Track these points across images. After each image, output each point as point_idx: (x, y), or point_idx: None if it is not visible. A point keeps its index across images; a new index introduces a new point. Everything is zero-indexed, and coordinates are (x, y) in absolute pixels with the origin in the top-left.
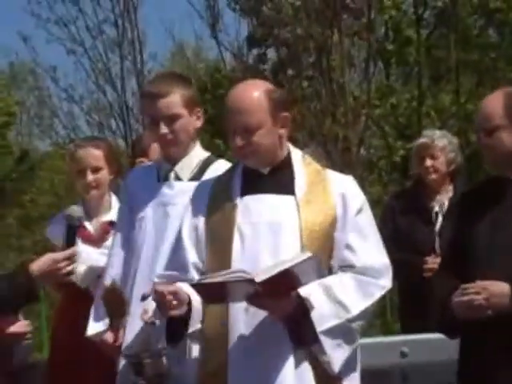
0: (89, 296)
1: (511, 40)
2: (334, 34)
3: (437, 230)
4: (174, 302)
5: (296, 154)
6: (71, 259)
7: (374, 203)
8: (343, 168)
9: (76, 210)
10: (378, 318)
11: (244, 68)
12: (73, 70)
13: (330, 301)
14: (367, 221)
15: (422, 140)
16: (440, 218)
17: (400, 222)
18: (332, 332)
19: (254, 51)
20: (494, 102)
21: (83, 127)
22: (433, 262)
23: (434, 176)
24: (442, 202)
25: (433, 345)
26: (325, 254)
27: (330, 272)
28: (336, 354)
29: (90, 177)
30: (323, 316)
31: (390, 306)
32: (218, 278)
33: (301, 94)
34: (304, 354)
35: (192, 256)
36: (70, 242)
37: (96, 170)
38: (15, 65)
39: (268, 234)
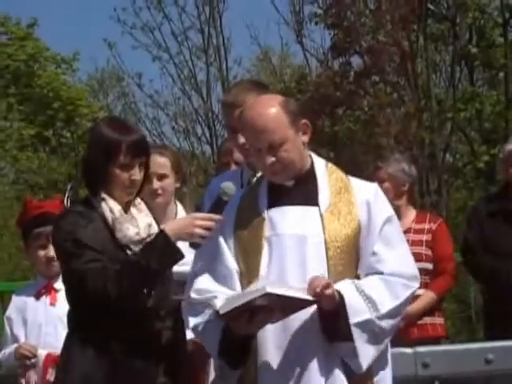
0: None
1: None
2: (418, 39)
3: None
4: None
5: (319, 164)
6: (211, 223)
7: (460, 209)
8: (428, 173)
9: (231, 188)
10: (465, 324)
11: (329, 74)
12: (158, 76)
13: (361, 296)
14: (394, 231)
15: (511, 146)
16: None
17: (487, 226)
18: (364, 327)
19: (339, 59)
20: None
21: (168, 133)
22: None
23: None
24: None
25: None
26: (351, 265)
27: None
28: (365, 351)
29: (156, 184)
30: (356, 309)
31: (475, 311)
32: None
33: (385, 100)
34: (337, 363)
35: (234, 265)
36: (214, 211)
37: (161, 177)
38: (103, 71)
39: (294, 246)
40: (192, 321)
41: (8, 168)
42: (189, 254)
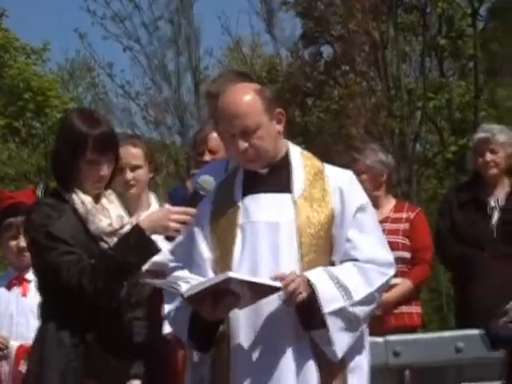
0: None
1: None
2: (388, 29)
3: (493, 224)
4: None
5: (294, 151)
6: (186, 217)
7: (430, 199)
8: (399, 163)
9: (209, 183)
10: (436, 313)
11: (300, 64)
12: (129, 66)
13: (333, 284)
14: (368, 218)
15: (481, 135)
16: (496, 213)
17: (457, 216)
18: (338, 315)
19: (309, 48)
20: None
21: (139, 123)
22: None
23: (494, 170)
24: (499, 196)
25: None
26: (324, 251)
27: None
28: (340, 339)
29: (130, 175)
30: (329, 298)
31: (446, 300)
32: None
33: (355, 90)
34: (308, 348)
35: (207, 253)
36: (190, 205)
37: (135, 168)
38: (73, 62)
39: (267, 233)
40: (166, 308)
41: None
42: (164, 245)
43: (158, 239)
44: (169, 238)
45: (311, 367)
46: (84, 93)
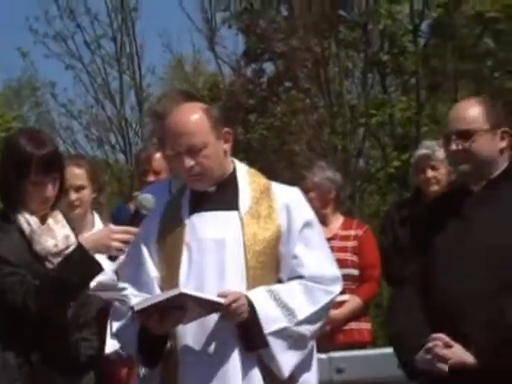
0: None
1: (507, 49)
2: (330, 46)
3: None
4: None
5: (241, 169)
6: (128, 236)
7: (373, 215)
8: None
9: (149, 201)
10: (381, 329)
11: (242, 81)
12: (72, 84)
13: (276, 305)
14: (315, 234)
15: (422, 151)
16: None
17: (399, 232)
18: (280, 335)
19: (252, 65)
20: (472, 107)
21: (82, 142)
22: None
23: (435, 187)
24: None
25: None
26: (271, 268)
27: None
28: (285, 358)
29: (73, 196)
30: (270, 319)
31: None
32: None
33: (298, 106)
34: (254, 360)
35: (154, 272)
36: (131, 224)
37: (79, 188)
38: (18, 81)
39: (213, 250)
40: (114, 325)
41: None
42: (107, 264)
43: (101, 259)
44: (111, 258)
45: (259, 383)
46: (29, 111)
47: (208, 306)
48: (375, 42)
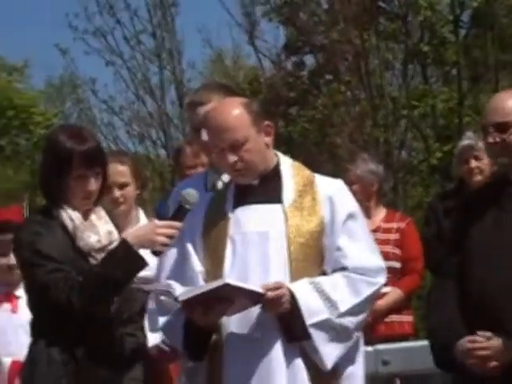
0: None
1: None
2: (370, 38)
3: None
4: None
5: (284, 162)
6: (172, 231)
7: (416, 206)
8: (385, 172)
9: (193, 196)
10: (424, 321)
11: (283, 74)
12: (112, 81)
13: (318, 296)
14: (359, 226)
15: (465, 142)
16: None
17: (443, 223)
18: (322, 327)
19: (292, 58)
20: (510, 99)
21: (123, 138)
22: None
23: (479, 177)
24: None
25: None
26: (314, 261)
27: None
28: (328, 350)
29: (117, 193)
30: (312, 310)
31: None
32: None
33: (339, 99)
34: (297, 352)
35: (199, 267)
36: (175, 219)
37: (122, 185)
38: (59, 78)
39: (257, 243)
40: (160, 320)
41: None
42: (151, 259)
43: (145, 254)
44: (156, 253)
45: (303, 376)
46: (71, 108)
47: (252, 297)
48: (415, 32)
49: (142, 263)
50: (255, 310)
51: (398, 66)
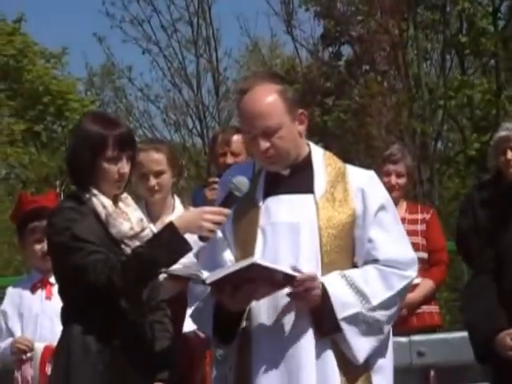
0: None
1: None
2: (408, 28)
3: None
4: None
5: (316, 152)
6: (220, 217)
7: (452, 198)
8: (420, 162)
9: (244, 184)
10: (459, 312)
11: (319, 64)
12: (148, 69)
13: (350, 290)
14: (390, 218)
15: (502, 133)
16: None
17: (480, 214)
18: (354, 320)
19: (329, 48)
20: None
21: (159, 126)
22: None
23: None
24: None
25: None
26: (346, 253)
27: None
28: (359, 343)
29: (153, 181)
30: (343, 304)
31: None
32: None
33: (376, 89)
34: (327, 344)
35: (229, 256)
36: (224, 205)
37: (158, 173)
38: (96, 66)
39: (287, 233)
40: (191, 307)
41: None
42: (196, 246)
43: (191, 239)
44: (202, 238)
45: (333, 368)
46: (107, 96)
47: (281, 279)
48: (454, 23)
49: (187, 247)
50: (286, 300)
51: (435, 56)
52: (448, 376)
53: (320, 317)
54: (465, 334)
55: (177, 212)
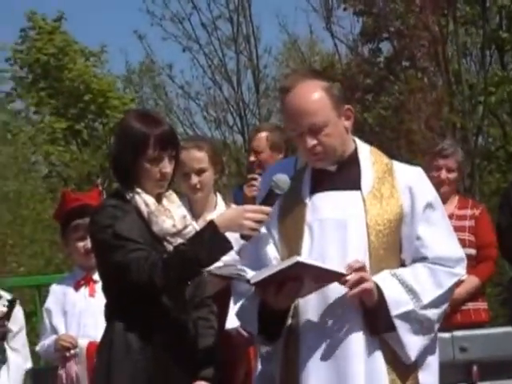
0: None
1: None
2: (448, 24)
3: None
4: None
5: (363, 148)
6: (262, 216)
7: (493, 193)
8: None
9: (285, 182)
10: (502, 307)
11: (359, 61)
12: (189, 66)
13: (402, 288)
14: (438, 215)
15: None
16: None
17: None
18: (406, 318)
19: (368, 45)
20: None
21: (200, 123)
22: None
23: None
24: None
25: None
26: (394, 250)
27: (403, 267)
28: (412, 341)
29: (195, 180)
30: (397, 301)
31: None
32: (270, 270)
33: (416, 85)
34: (377, 342)
35: (274, 253)
36: (265, 203)
37: (200, 172)
38: (136, 63)
39: (335, 230)
40: (235, 307)
41: (40, 162)
42: (237, 244)
43: (233, 238)
44: (244, 237)
45: (382, 369)
46: (147, 94)
47: (327, 277)
48: (494, 18)
49: (228, 246)
50: (334, 296)
51: (475, 52)
52: (491, 371)
53: (373, 314)
54: (507, 328)
55: (219, 209)
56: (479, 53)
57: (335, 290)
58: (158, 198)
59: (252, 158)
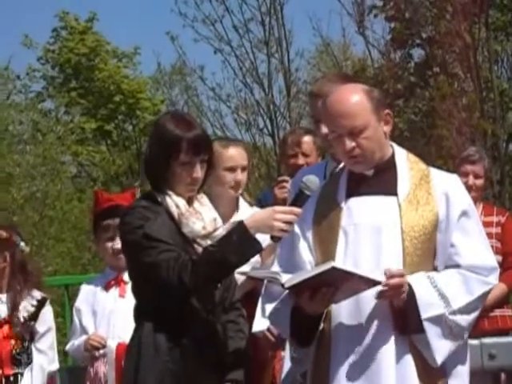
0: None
1: None
2: (480, 30)
3: None
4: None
5: (400, 154)
6: (291, 217)
7: None
8: (491, 164)
9: (314, 182)
10: None
11: (390, 66)
12: (220, 68)
13: (434, 291)
14: (473, 223)
15: None
16: None
17: None
18: (436, 321)
19: (399, 50)
20: None
21: (230, 125)
22: None
23: None
24: None
25: None
26: (428, 256)
27: None
28: (440, 345)
29: (240, 175)
30: (428, 304)
31: None
32: (304, 275)
33: (447, 91)
34: (407, 346)
35: (308, 256)
36: (294, 205)
37: (244, 169)
38: (168, 65)
39: (370, 235)
40: (267, 307)
41: (69, 162)
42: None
43: (263, 239)
44: (274, 238)
45: (412, 373)
46: (177, 95)
47: (361, 284)
48: None
49: (258, 247)
50: (367, 301)
51: (506, 58)
52: None
53: (403, 315)
54: None
55: (241, 211)
56: (510, 59)
57: (368, 295)
58: (190, 201)
59: (301, 162)
